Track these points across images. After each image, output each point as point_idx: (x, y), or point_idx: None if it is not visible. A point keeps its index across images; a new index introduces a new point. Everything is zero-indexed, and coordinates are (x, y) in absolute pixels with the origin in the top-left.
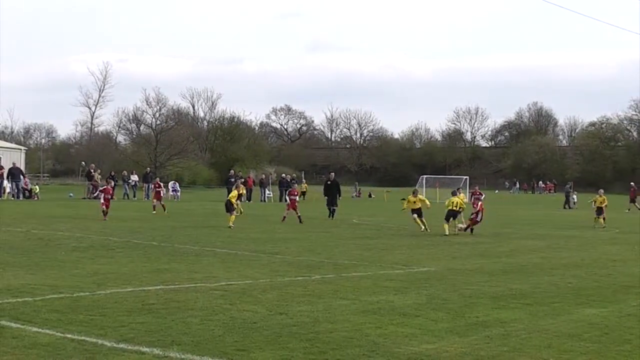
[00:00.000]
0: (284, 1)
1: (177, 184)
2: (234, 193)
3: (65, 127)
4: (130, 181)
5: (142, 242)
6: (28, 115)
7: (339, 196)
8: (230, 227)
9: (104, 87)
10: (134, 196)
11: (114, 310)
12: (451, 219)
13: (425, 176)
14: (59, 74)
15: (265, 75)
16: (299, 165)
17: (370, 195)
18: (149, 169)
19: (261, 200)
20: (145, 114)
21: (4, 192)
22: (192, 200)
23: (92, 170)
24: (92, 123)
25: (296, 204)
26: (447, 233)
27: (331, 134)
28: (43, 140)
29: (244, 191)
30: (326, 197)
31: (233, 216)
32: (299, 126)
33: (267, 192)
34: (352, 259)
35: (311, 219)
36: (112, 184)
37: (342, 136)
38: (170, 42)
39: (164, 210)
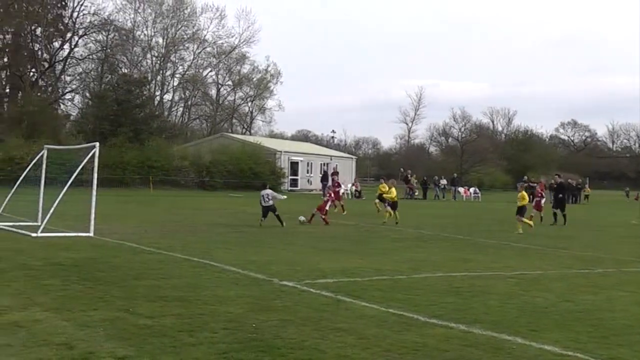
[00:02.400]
0: (564, 31)
1: (476, 188)
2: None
3: (387, 140)
4: (439, 184)
5: (450, 236)
6: (358, 131)
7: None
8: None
9: (418, 107)
10: (443, 197)
11: (426, 291)
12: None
13: None
14: (383, 97)
15: (553, 94)
16: (584, 172)
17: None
18: (455, 174)
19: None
20: (452, 128)
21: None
22: (491, 201)
23: (408, 175)
24: (408, 136)
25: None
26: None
27: (612, 144)
28: (369, 151)
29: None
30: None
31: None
32: (584, 138)
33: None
34: (631, 255)
35: (582, 220)
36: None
37: (622, 146)
38: (472, 69)
39: (343, 210)
